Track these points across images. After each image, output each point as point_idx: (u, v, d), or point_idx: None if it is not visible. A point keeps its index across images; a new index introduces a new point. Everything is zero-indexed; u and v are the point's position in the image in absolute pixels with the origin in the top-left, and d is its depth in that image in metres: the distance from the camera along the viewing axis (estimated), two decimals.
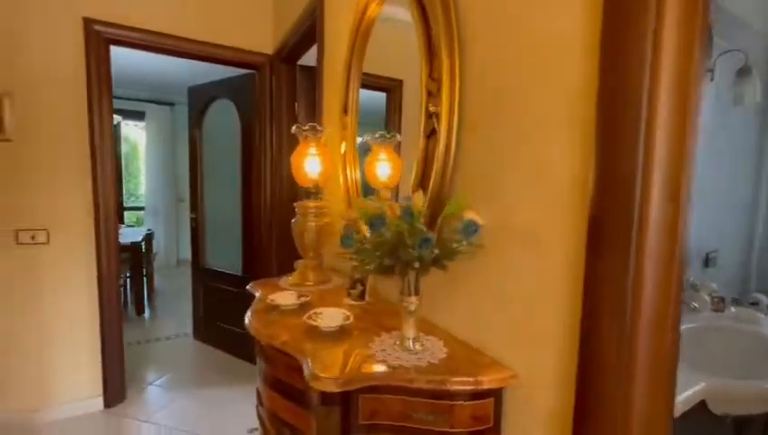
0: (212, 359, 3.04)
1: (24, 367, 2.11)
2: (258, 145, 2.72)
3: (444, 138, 0.91)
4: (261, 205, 2.73)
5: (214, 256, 3.21)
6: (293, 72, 2.57)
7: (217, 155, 3.11)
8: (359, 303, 1.18)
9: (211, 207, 3.19)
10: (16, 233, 2.04)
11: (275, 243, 2.68)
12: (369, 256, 0.75)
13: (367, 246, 0.74)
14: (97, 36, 2.14)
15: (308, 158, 1.37)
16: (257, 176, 2.74)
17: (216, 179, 3.14)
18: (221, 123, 3.04)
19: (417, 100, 1.06)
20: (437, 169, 0.92)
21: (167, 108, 5.97)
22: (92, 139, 2.17)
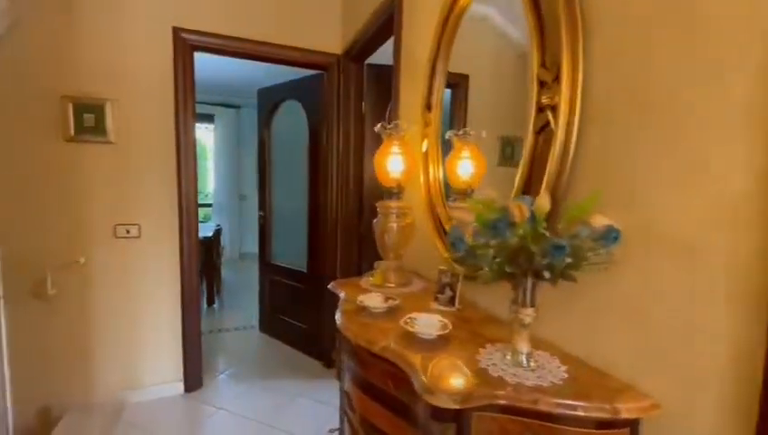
0: (277, 352, 3.15)
1: (117, 350, 2.30)
2: (325, 145, 2.75)
3: (562, 133, 0.82)
4: (327, 204, 2.76)
5: (280, 252, 3.32)
6: (361, 70, 2.57)
7: (285, 155, 3.21)
8: (448, 309, 1.12)
9: (278, 205, 3.31)
10: (114, 227, 2.23)
11: (341, 242, 2.70)
12: (485, 261, 0.69)
13: (486, 251, 0.68)
14: (183, 44, 2.27)
15: (391, 156, 1.34)
16: (324, 176, 2.78)
17: (283, 178, 3.24)
18: (289, 124, 3.13)
19: (483, 94, 0.98)
20: (552, 169, 0.83)
21: (233, 111, 6.32)
22: (178, 140, 2.32)
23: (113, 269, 2.25)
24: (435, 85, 1.36)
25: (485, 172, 1.40)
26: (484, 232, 0.69)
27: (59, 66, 2.06)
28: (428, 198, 1.41)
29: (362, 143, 2.61)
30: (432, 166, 1.38)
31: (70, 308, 2.18)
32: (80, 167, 2.13)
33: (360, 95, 2.59)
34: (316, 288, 2.96)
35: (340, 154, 2.67)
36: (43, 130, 2.05)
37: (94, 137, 2.13)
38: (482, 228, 0.71)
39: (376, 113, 2.59)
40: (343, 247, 2.69)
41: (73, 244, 2.15)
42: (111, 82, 2.16)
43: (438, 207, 1.34)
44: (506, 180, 1.25)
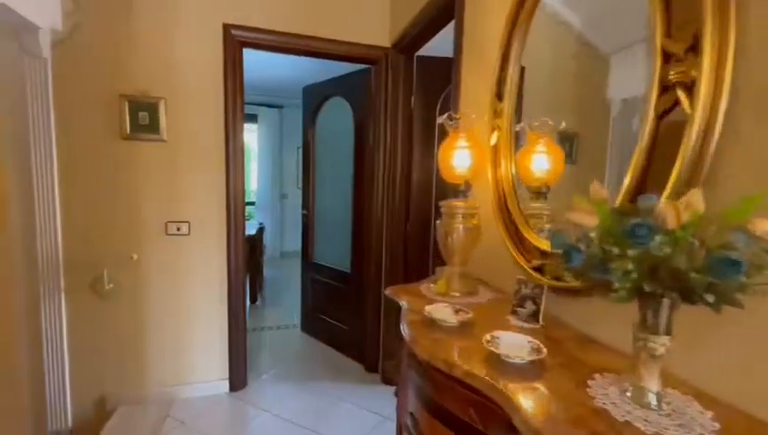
0: (319, 353, 3.09)
1: (166, 346, 2.32)
2: (371, 142, 2.65)
3: (701, 117, 0.65)
4: (372, 204, 2.66)
5: (322, 251, 3.26)
6: (411, 63, 2.44)
7: (329, 153, 3.15)
8: (531, 325, 0.97)
9: (321, 204, 3.25)
10: (166, 224, 2.25)
11: (386, 243, 2.59)
12: (618, 277, 0.54)
13: (623, 264, 0.53)
14: (233, 41, 2.25)
15: (457, 151, 1.20)
16: (369, 174, 2.68)
17: (327, 177, 3.18)
18: (334, 122, 3.07)
19: (539, 87, 0.81)
20: (687, 160, 0.67)
21: (275, 110, 6.40)
22: (227, 138, 2.30)
23: (163, 266, 2.27)
24: (508, 72, 1.21)
25: (564, 168, 1.24)
26: (616, 239, 0.54)
27: (116, 66, 2.09)
28: (498, 196, 1.26)
29: (410, 140, 2.48)
30: (504, 161, 1.23)
31: (124, 303, 2.22)
32: (134, 164, 2.16)
33: (409, 90, 2.46)
34: (359, 290, 2.87)
35: (387, 151, 2.56)
36: (102, 128, 2.10)
37: (148, 135, 2.15)
38: (610, 235, 0.56)
39: (425, 108, 2.46)
40: (389, 249, 2.57)
41: (127, 240, 2.19)
42: (164, 80, 2.17)
43: (512, 207, 1.19)
44: (566, 179, 1.13)
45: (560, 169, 1.26)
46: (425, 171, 2.49)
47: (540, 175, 1.30)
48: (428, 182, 2.49)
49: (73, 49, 2.02)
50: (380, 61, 2.52)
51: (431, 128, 2.47)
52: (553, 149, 1.27)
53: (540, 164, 1.29)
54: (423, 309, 1.03)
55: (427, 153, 2.48)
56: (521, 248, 1.14)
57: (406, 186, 2.49)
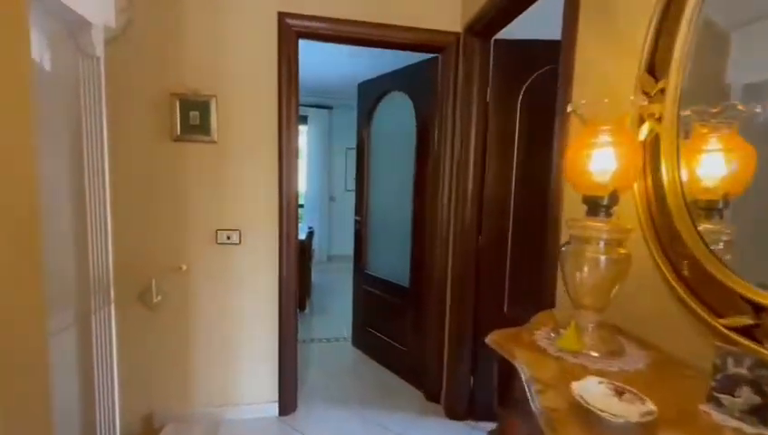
0: (373, 373, 2.82)
1: (215, 363, 2.16)
2: (436, 142, 2.33)
3: None
4: (436, 213, 2.33)
5: (377, 261, 2.99)
6: (487, 49, 2.09)
7: (387, 155, 2.86)
8: (754, 430, 0.60)
9: (376, 210, 2.98)
10: (216, 233, 2.08)
11: (454, 259, 2.24)
12: None
13: None
14: (288, 30, 2.04)
15: (598, 150, 0.85)
16: (434, 179, 2.36)
17: (384, 181, 2.90)
18: (393, 120, 2.78)
19: None
20: None
21: (325, 111, 6.27)
22: (280, 139, 2.09)
23: (212, 277, 2.10)
24: (679, 34, 0.84)
25: (754, 172, 0.85)
26: None
27: (167, 63, 1.95)
28: (650, 213, 0.89)
29: (484, 139, 2.12)
30: (666, 162, 0.86)
31: (172, 316, 2.08)
32: (184, 168, 2.01)
33: (485, 80, 2.10)
34: (419, 308, 2.56)
35: (456, 153, 2.22)
36: (153, 130, 1.96)
37: (198, 136, 1.99)
38: None
39: (502, 102, 2.09)
40: (457, 266, 2.23)
41: (176, 249, 2.04)
42: (215, 77, 2.00)
43: (684, 231, 0.81)
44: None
45: (748, 174, 0.87)
46: (502, 176, 2.12)
47: (713, 183, 0.91)
48: (505, 189, 2.12)
49: (125, 46, 1.90)
50: (449, 48, 2.19)
51: (509, 124, 2.09)
52: (739, 147, 0.88)
53: (715, 167, 0.91)
54: (559, 383, 0.69)
55: (504, 155, 2.11)
56: (702, 294, 0.77)
57: (478, 193, 2.14)
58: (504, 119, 2.09)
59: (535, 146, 2.08)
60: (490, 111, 2.11)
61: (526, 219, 2.12)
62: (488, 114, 2.11)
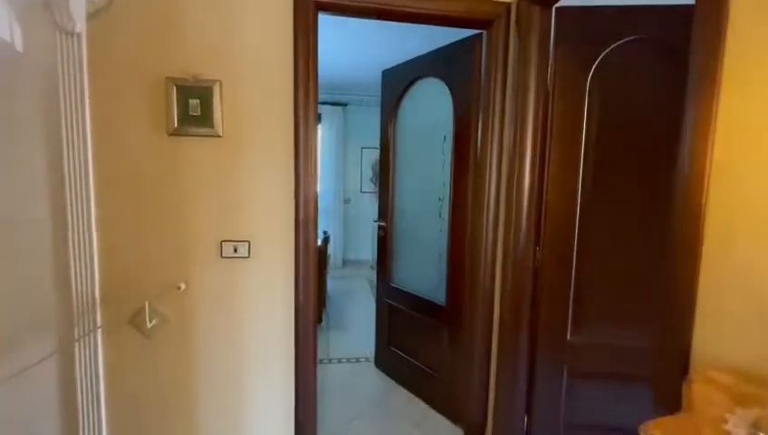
0: (401, 401, 2.46)
1: (216, 401, 1.82)
2: (481, 141, 1.96)
3: None
4: (481, 223, 1.96)
5: (405, 273, 2.63)
6: (549, 20, 1.71)
7: (416, 152, 2.50)
8: None
9: (404, 215, 2.62)
10: (220, 244, 1.75)
11: (503, 279, 1.87)
12: None
13: None
14: (306, 1, 1.70)
15: None
16: (478, 183, 1.98)
17: (413, 182, 2.54)
18: (424, 112, 2.42)
19: None
20: None
21: (339, 108, 5.94)
22: (297, 133, 1.75)
23: (217, 298, 1.77)
24: None
25: None
26: None
27: (162, 41, 1.62)
28: None
29: (544, 134, 1.75)
30: None
31: (169, 344, 1.75)
32: (183, 167, 1.68)
33: (545, 60, 1.73)
34: (457, 329, 2.19)
35: (507, 152, 1.85)
36: (145, 122, 1.64)
37: (200, 129, 1.65)
38: None
39: (569, 88, 1.72)
40: (508, 284, 1.86)
41: (174, 265, 1.71)
42: (219, 58, 1.66)
43: None
44: None
45: None
46: (565, 180, 1.74)
47: None
48: (570, 195, 1.74)
49: (112, 21, 1.57)
50: (498, 20, 1.82)
51: (577, 115, 1.71)
52: None
53: None
54: None
55: (569, 152, 1.73)
56: None
57: (536, 200, 1.77)
58: (569, 109, 1.72)
59: (611, 145, 1.70)
60: (552, 99, 1.73)
61: (595, 231, 1.73)
62: (549, 104, 1.73)
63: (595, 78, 1.69)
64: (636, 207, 1.70)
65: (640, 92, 1.68)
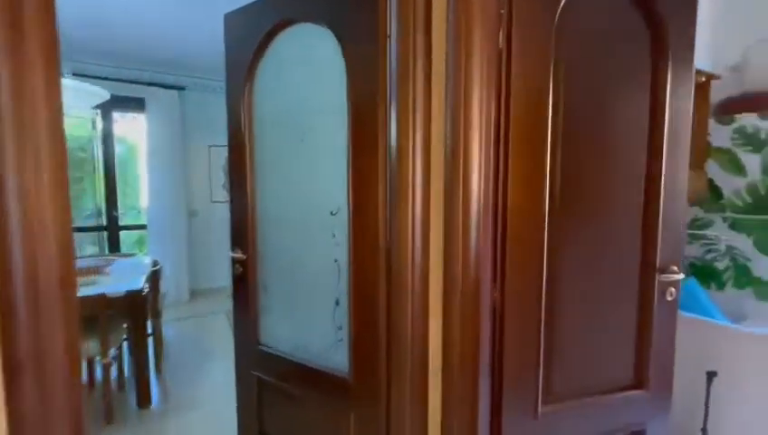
0: None
1: None
2: (399, 131, 1.24)
3: None
4: (403, 256, 1.24)
5: (282, 330, 1.72)
6: None
7: (291, 148, 1.62)
8: None
9: (276, 241, 1.71)
10: None
11: (448, 329, 1.19)
12: None
13: None
14: None
15: None
16: (396, 198, 1.25)
17: (287, 193, 1.66)
18: (299, 81, 1.56)
19: None
20: None
21: (174, 93, 4.51)
22: None
23: None
24: None
25: None
26: None
27: None
28: None
29: (499, 119, 1.13)
30: None
31: None
32: None
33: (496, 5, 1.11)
34: (370, 411, 1.43)
35: (441, 147, 1.18)
36: None
37: None
38: None
39: (532, 41, 1.13)
40: (450, 337, 1.19)
41: None
42: None
43: None
44: None
45: None
46: (531, 179, 1.16)
47: None
48: (536, 200, 1.16)
49: None
50: None
51: (542, 87, 1.14)
52: None
53: None
54: None
55: (536, 142, 1.15)
56: None
57: (491, 216, 1.13)
58: (532, 79, 1.13)
59: (584, 130, 1.19)
60: (508, 64, 1.12)
61: (572, 249, 1.21)
62: (503, 72, 1.12)
63: (566, 23, 1.15)
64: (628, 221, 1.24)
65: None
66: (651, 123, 1.29)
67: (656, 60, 1.28)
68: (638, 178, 1.30)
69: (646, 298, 1.33)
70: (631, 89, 1.28)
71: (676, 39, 1.27)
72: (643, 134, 1.29)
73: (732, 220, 2.09)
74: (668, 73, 1.27)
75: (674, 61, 1.28)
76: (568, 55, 1.16)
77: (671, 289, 1.34)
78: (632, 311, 1.34)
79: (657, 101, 1.29)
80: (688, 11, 1.29)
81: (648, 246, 1.31)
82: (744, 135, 2.05)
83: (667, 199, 1.31)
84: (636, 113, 1.28)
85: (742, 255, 2.07)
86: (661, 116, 1.29)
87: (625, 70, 1.27)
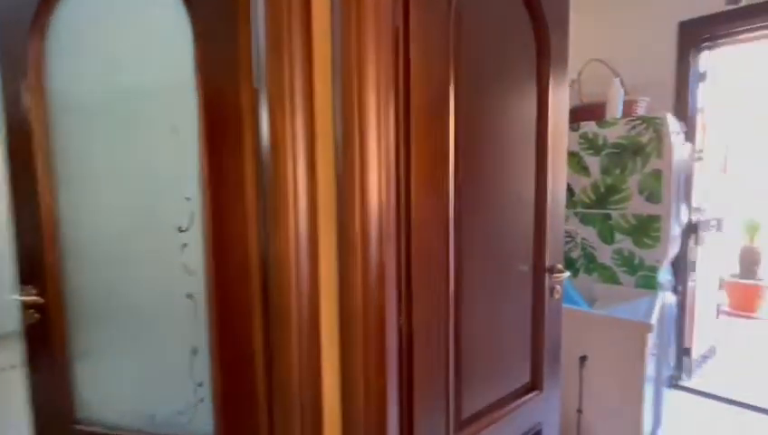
0: None
1: None
2: (271, 123, 0.93)
3: None
4: (286, 282, 0.94)
5: (110, 397, 1.22)
6: None
7: (110, 137, 1.13)
8: None
9: (92, 268, 1.19)
10: None
11: (348, 368, 0.94)
12: None
13: None
14: None
15: None
16: (273, 205, 0.95)
17: (109, 200, 1.16)
18: (116, 47, 1.09)
19: None
20: None
21: None
22: None
23: None
24: None
25: None
26: None
27: None
28: None
29: (398, 111, 0.92)
30: None
31: None
32: None
33: None
34: None
35: (328, 144, 0.92)
36: None
37: None
38: None
39: (432, 12, 0.96)
40: (350, 383, 0.95)
41: None
42: None
43: None
44: None
45: None
46: (438, 178, 0.99)
47: None
48: (441, 207, 1.01)
49: None
50: None
51: (443, 69, 0.99)
52: None
53: None
54: None
55: (439, 135, 0.98)
56: None
57: (394, 228, 0.93)
58: (433, 57, 0.96)
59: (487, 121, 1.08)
60: (406, 43, 0.92)
61: (475, 261, 1.09)
62: (401, 53, 0.92)
63: (464, 12, 1.01)
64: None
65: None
66: (538, 125, 1.28)
67: (540, 61, 1.27)
68: (530, 180, 1.27)
69: (539, 301, 1.32)
70: (522, 91, 1.24)
71: (556, 42, 1.29)
72: (532, 136, 1.28)
73: (581, 215, 2.39)
74: (550, 76, 1.28)
75: (554, 65, 1.29)
76: (467, 44, 1.04)
77: (557, 287, 1.37)
78: (527, 315, 1.32)
79: (542, 103, 1.28)
80: (565, 16, 1.33)
81: (539, 248, 1.30)
82: (587, 140, 2.35)
83: (553, 200, 1.32)
84: (527, 114, 1.25)
85: (589, 244, 2.37)
86: (545, 118, 1.29)
87: (516, 71, 1.22)
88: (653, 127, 2.10)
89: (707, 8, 2.51)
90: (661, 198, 2.10)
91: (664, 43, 2.68)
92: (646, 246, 2.16)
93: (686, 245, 2.76)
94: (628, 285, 2.23)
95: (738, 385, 2.87)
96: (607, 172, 2.28)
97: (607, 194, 2.28)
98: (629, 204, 2.20)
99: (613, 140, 2.25)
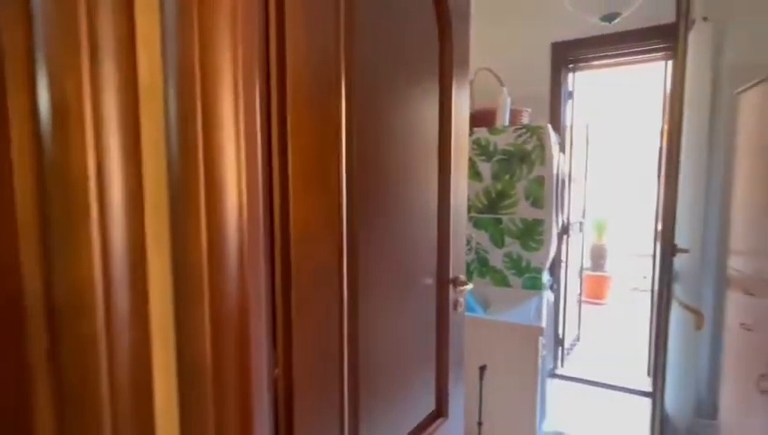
0: None
1: None
2: (53, 62, 0.58)
3: None
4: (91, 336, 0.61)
5: None
6: None
7: None
8: None
9: None
10: None
11: None
12: None
13: None
14: None
15: None
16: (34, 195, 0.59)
17: None
18: None
19: None
20: None
21: None
22: None
23: None
24: None
25: None
26: None
27: None
28: None
29: (268, 90, 0.66)
30: None
31: None
32: None
33: None
34: None
35: (169, 108, 0.61)
36: None
37: None
38: None
39: None
40: None
41: None
42: None
43: None
44: None
45: None
46: (327, 178, 0.76)
47: None
48: (336, 214, 0.78)
49: None
50: None
51: (333, 53, 0.76)
52: None
53: None
54: None
55: (328, 130, 0.75)
56: None
57: (265, 232, 0.66)
58: (317, 33, 0.72)
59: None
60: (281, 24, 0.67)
61: (374, 281, 0.89)
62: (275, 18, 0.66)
63: None
64: None
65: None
66: (441, 127, 1.15)
67: (443, 56, 1.15)
68: (433, 185, 1.13)
69: (443, 317, 1.19)
70: (424, 88, 1.09)
71: (458, 43, 1.18)
72: (434, 138, 1.14)
73: (475, 220, 2.42)
74: (453, 80, 1.16)
75: (457, 63, 1.18)
76: (361, 27, 0.83)
77: (460, 300, 1.27)
78: (431, 335, 1.17)
79: (444, 103, 1.16)
80: (466, 10, 1.23)
81: (443, 259, 1.17)
82: (480, 146, 2.39)
83: (456, 206, 1.20)
84: (429, 114, 1.11)
85: (482, 248, 2.42)
86: (448, 120, 1.17)
87: (418, 66, 1.07)
88: (537, 135, 2.22)
89: (575, 33, 2.80)
90: (544, 203, 2.22)
91: (541, 60, 2.92)
92: (531, 248, 2.27)
93: (560, 246, 3.04)
94: (516, 286, 2.32)
95: (600, 368, 3.29)
96: (497, 178, 2.35)
97: (498, 199, 2.35)
98: (517, 209, 2.29)
99: (502, 147, 2.32)
